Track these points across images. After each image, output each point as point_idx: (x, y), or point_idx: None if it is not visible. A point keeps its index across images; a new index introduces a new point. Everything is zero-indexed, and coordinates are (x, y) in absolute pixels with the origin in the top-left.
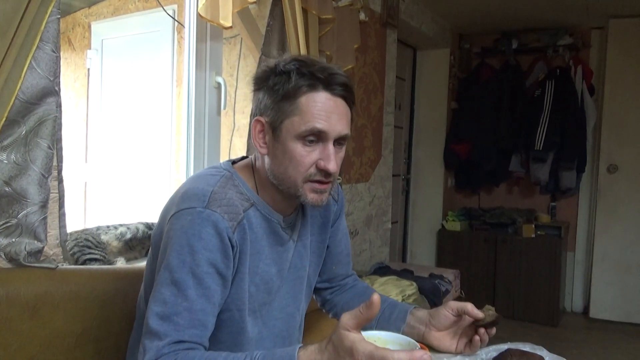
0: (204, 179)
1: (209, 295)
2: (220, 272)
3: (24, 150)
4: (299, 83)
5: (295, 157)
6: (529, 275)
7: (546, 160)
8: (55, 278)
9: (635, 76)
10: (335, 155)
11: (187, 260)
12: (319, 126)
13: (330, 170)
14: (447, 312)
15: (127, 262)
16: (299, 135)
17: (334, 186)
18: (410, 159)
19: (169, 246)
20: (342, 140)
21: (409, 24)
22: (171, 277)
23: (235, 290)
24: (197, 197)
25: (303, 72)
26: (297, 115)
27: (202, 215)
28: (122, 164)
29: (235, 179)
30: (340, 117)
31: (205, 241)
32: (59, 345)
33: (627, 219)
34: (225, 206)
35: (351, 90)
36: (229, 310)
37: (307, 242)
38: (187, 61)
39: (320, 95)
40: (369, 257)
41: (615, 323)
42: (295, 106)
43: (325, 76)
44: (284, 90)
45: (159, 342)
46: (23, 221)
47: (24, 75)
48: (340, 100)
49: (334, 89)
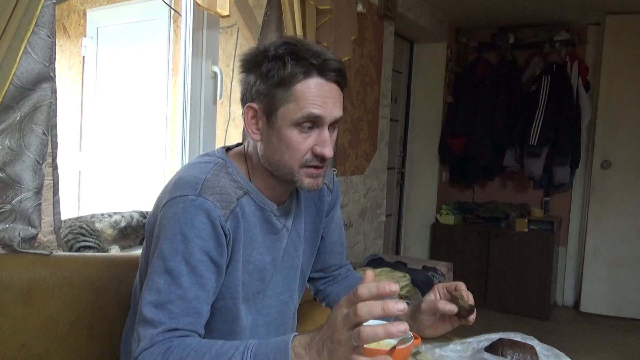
0: (197, 167)
1: (202, 283)
2: (213, 260)
3: (18, 135)
4: (295, 70)
5: (292, 144)
6: (521, 269)
7: (540, 155)
8: (49, 264)
9: (631, 73)
10: (330, 139)
11: (180, 249)
12: (316, 112)
13: (327, 155)
14: (424, 316)
15: (122, 250)
16: (295, 122)
17: (329, 173)
18: (405, 152)
19: (162, 234)
20: (336, 122)
21: (407, 17)
22: (164, 265)
23: (229, 279)
24: (189, 185)
25: (297, 58)
26: (292, 102)
27: (195, 203)
28: (116, 153)
29: (229, 166)
30: (334, 101)
31: (198, 229)
32: (53, 332)
33: (618, 214)
34: (218, 194)
35: (344, 75)
36: (223, 298)
37: (301, 231)
38: (183, 50)
39: (314, 81)
40: (363, 249)
41: (605, 317)
42: (290, 93)
43: (320, 62)
44: (278, 76)
45: (153, 330)
46: (17, 207)
47: (19, 60)
48: (334, 85)
49: (328, 75)
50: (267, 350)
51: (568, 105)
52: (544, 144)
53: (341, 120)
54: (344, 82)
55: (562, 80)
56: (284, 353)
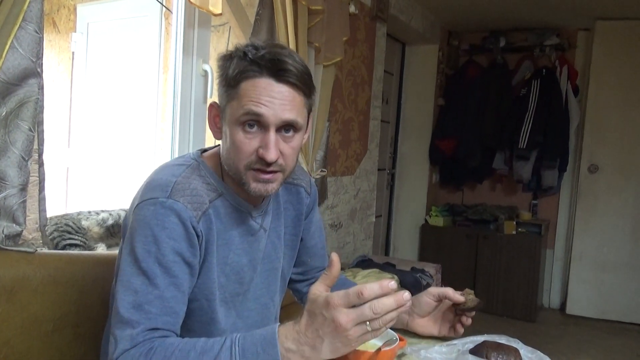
0: (169, 169)
1: (177, 283)
2: (186, 261)
3: (3, 131)
4: (246, 68)
5: (236, 144)
6: (509, 271)
7: (529, 158)
8: (34, 262)
9: (619, 78)
10: (275, 143)
11: (152, 250)
12: (255, 109)
13: (267, 159)
14: (428, 298)
15: (108, 249)
16: (237, 120)
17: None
18: (395, 154)
19: (134, 237)
20: (289, 127)
21: (399, 19)
22: (138, 267)
23: (202, 280)
24: (159, 187)
25: (248, 58)
26: (235, 100)
27: (165, 205)
28: (105, 150)
29: (202, 169)
30: (283, 102)
31: (169, 230)
32: (36, 330)
33: (605, 218)
34: (189, 196)
35: (302, 78)
36: (197, 299)
37: (281, 233)
38: (174, 48)
39: (263, 81)
40: (352, 250)
41: (591, 319)
42: (236, 91)
43: (271, 62)
44: (227, 75)
45: (132, 331)
46: (1, 204)
47: (5, 55)
48: (286, 86)
49: (280, 76)
50: (254, 341)
51: (557, 109)
52: (533, 147)
53: (300, 127)
54: (303, 86)
55: (552, 84)
56: (271, 344)
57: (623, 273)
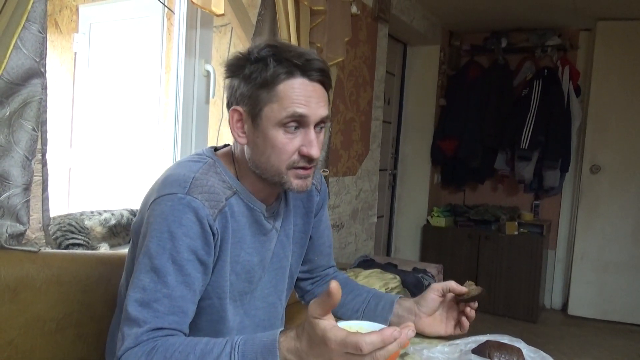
0: (186, 166)
1: (189, 282)
2: (200, 259)
3: (7, 131)
4: (277, 71)
5: (278, 145)
6: (511, 271)
7: (531, 159)
8: (37, 261)
9: (621, 78)
10: (317, 140)
11: (167, 247)
12: (300, 111)
13: (314, 156)
14: (433, 294)
15: (111, 248)
16: (279, 122)
17: (317, 173)
18: (397, 154)
19: (149, 232)
20: (322, 122)
21: (400, 19)
22: (151, 263)
23: (215, 279)
24: (178, 183)
25: (280, 59)
26: (276, 103)
27: (183, 202)
28: (107, 150)
29: (218, 166)
30: (318, 100)
31: (186, 227)
32: (40, 329)
33: (607, 219)
34: (206, 193)
35: (328, 75)
36: (209, 298)
37: (290, 232)
38: (176, 48)
39: (298, 81)
40: (354, 250)
41: (593, 320)
42: (273, 93)
43: (303, 62)
44: (261, 78)
45: (138, 329)
46: (5, 203)
47: (9, 55)
48: (318, 85)
49: (311, 75)
50: (254, 348)
51: (559, 109)
52: (535, 147)
53: (328, 120)
54: (328, 82)
55: (553, 84)
56: (271, 353)
57: (625, 273)
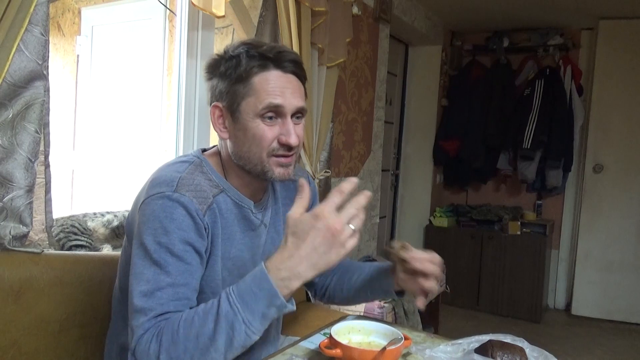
0: (172, 167)
1: (191, 270)
2: (196, 250)
3: (10, 133)
4: (250, 64)
5: (257, 134)
6: (514, 271)
7: (533, 158)
8: (40, 263)
9: (623, 77)
10: (294, 128)
11: (163, 241)
12: (275, 101)
13: (292, 143)
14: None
15: (114, 250)
16: (257, 113)
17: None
18: (399, 155)
19: (143, 231)
20: (299, 113)
21: (402, 20)
22: (150, 258)
23: (208, 273)
24: (165, 183)
25: (252, 54)
26: (252, 96)
27: (172, 198)
28: (110, 152)
29: (204, 166)
30: (293, 91)
31: (178, 221)
32: (43, 330)
33: (610, 218)
34: (193, 191)
35: (301, 67)
36: (204, 292)
37: (280, 228)
38: (178, 50)
39: (271, 74)
40: (357, 250)
41: (596, 320)
42: (249, 87)
43: (275, 55)
44: (236, 73)
45: (144, 318)
46: (8, 205)
47: (12, 58)
48: (292, 76)
49: (285, 66)
50: (247, 285)
51: (561, 109)
52: (537, 147)
53: (306, 112)
54: (302, 74)
55: (556, 84)
56: (264, 280)
57: (629, 273)
